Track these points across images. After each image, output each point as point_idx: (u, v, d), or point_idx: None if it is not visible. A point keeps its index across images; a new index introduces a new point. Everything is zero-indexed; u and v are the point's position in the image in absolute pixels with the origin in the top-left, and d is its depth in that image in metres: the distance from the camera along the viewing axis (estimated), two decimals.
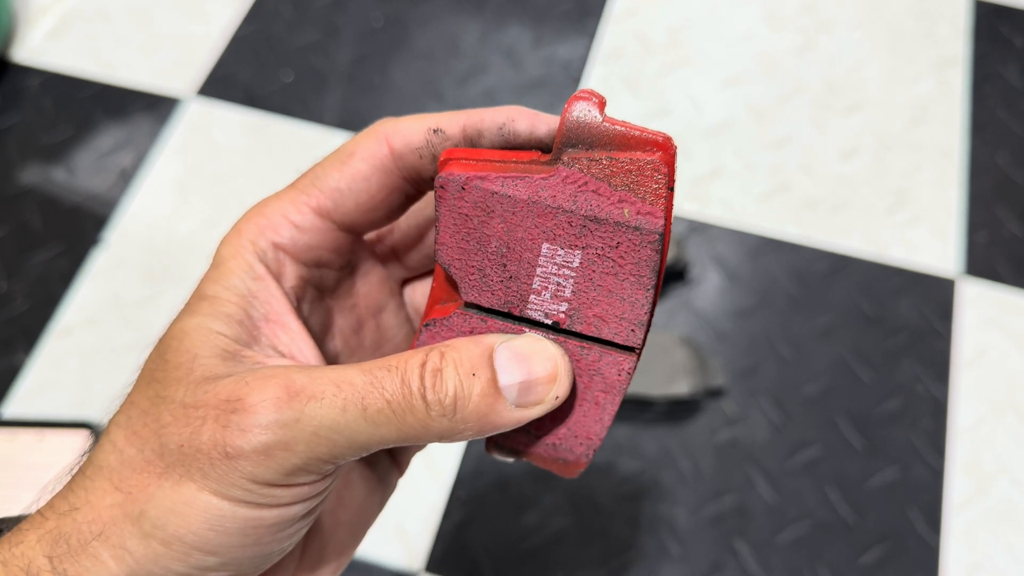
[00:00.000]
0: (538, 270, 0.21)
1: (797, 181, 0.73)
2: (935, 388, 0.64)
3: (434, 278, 0.23)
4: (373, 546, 0.58)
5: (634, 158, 0.20)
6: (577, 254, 0.21)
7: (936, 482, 0.60)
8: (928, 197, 0.72)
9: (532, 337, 0.21)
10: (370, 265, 0.26)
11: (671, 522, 0.59)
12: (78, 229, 0.71)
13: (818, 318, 0.67)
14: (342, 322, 0.25)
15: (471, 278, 0.22)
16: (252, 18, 0.82)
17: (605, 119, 0.20)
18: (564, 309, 0.21)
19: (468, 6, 0.83)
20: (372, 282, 0.26)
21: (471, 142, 0.22)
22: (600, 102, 0.20)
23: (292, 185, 0.23)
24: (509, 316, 0.22)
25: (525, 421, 0.20)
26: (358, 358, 0.26)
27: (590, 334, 0.21)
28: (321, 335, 0.24)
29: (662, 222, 0.20)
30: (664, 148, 0.20)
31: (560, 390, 0.21)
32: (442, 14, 0.82)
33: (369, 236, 0.26)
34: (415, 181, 0.23)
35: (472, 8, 0.82)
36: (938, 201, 0.72)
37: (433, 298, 0.23)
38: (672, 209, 0.20)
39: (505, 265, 0.21)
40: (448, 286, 0.23)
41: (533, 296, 0.21)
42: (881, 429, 0.62)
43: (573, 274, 0.21)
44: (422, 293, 0.27)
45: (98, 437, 0.21)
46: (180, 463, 0.18)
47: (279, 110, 0.77)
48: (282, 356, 0.22)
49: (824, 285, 0.68)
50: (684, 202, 0.72)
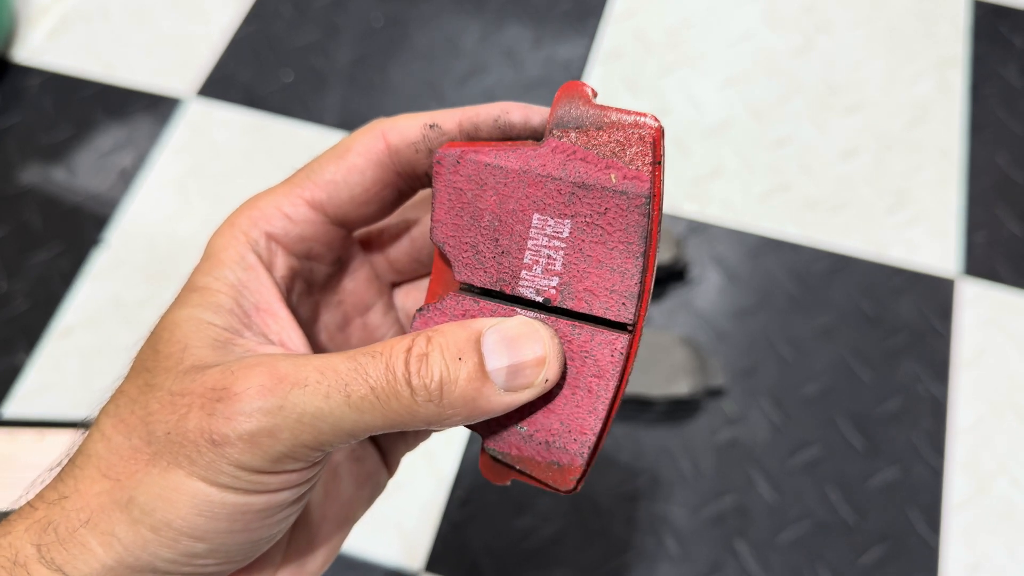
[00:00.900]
0: (529, 243, 0.21)
1: (797, 181, 0.73)
2: (935, 388, 0.64)
3: (433, 267, 0.23)
4: (373, 545, 0.58)
5: (621, 127, 0.20)
6: (567, 223, 0.21)
7: (936, 482, 0.60)
8: (928, 197, 0.72)
9: (521, 319, 0.20)
10: (359, 264, 0.26)
11: (671, 522, 0.59)
12: (78, 229, 0.71)
13: (818, 318, 0.67)
14: (328, 318, 0.26)
15: (464, 256, 0.22)
16: (252, 18, 0.82)
17: (593, 103, 0.21)
18: (555, 284, 0.21)
19: (468, 6, 0.83)
20: (360, 280, 0.26)
21: (468, 136, 0.23)
22: (591, 90, 0.21)
23: (287, 180, 0.23)
24: (501, 296, 0.22)
25: (514, 406, 0.20)
26: None
27: (581, 310, 0.21)
28: (307, 329, 0.24)
29: (648, 185, 0.20)
30: (649, 121, 0.21)
31: (550, 372, 0.20)
32: (442, 14, 0.82)
33: (359, 234, 0.26)
34: (409, 177, 0.23)
35: (472, 8, 0.82)
36: (938, 201, 0.72)
37: (431, 289, 0.23)
38: (661, 184, 0.21)
39: (497, 240, 0.21)
40: (446, 273, 0.23)
41: (524, 272, 0.21)
42: (881, 429, 0.62)
43: (563, 245, 0.21)
44: (413, 299, 0.27)
45: (88, 430, 0.21)
46: (167, 450, 0.18)
47: (279, 110, 0.77)
48: (272, 344, 0.22)
49: (824, 285, 0.68)
50: (684, 202, 0.72)
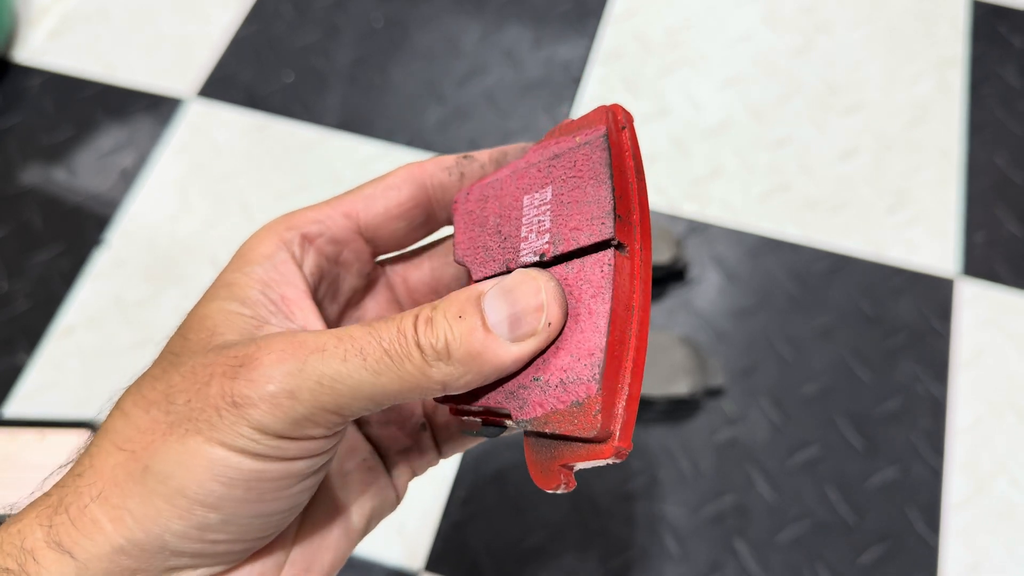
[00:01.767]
0: (523, 220, 0.23)
1: (796, 181, 0.73)
2: (934, 388, 0.64)
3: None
4: (373, 545, 0.58)
5: (588, 117, 0.23)
6: (548, 189, 0.23)
7: (935, 482, 0.61)
8: (927, 197, 0.72)
9: (518, 271, 0.21)
10: (382, 287, 0.27)
11: (671, 522, 0.59)
12: (79, 229, 0.71)
13: (817, 318, 0.67)
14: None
15: (478, 258, 0.24)
16: (253, 19, 0.82)
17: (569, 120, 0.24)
18: (547, 240, 0.22)
19: (468, 6, 0.83)
20: (381, 302, 0.27)
21: (497, 164, 0.25)
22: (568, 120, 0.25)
23: (327, 200, 0.25)
24: (507, 274, 0.23)
25: (525, 356, 0.20)
26: None
27: (571, 248, 0.22)
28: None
29: (604, 129, 0.22)
30: (612, 106, 0.23)
31: (551, 315, 0.20)
32: (442, 14, 0.82)
33: (384, 259, 0.27)
34: (439, 202, 0.25)
35: (472, 8, 0.83)
36: (937, 201, 0.72)
37: None
38: (633, 144, 0.22)
39: (500, 231, 0.23)
40: (468, 283, 0.25)
41: (523, 244, 0.23)
42: (880, 429, 0.62)
43: (548, 206, 0.23)
44: None
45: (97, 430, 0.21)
46: (186, 418, 0.19)
47: (280, 111, 0.77)
48: (295, 329, 0.23)
49: (823, 285, 0.68)
50: (684, 202, 0.72)
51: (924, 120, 0.76)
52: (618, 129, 0.22)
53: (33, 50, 0.80)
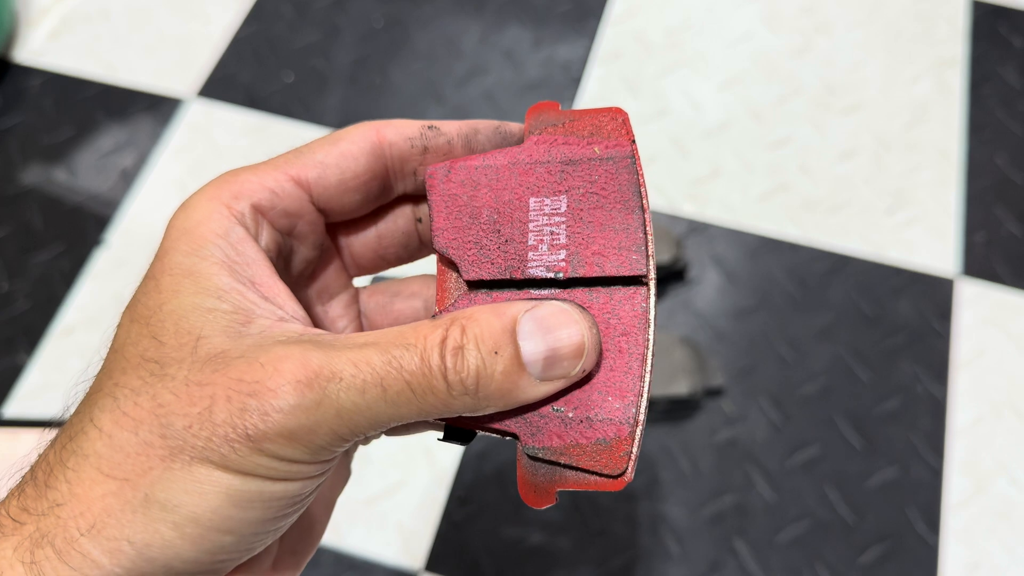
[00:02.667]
0: (530, 225, 0.22)
1: (796, 181, 0.73)
2: (934, 388, 0.64)
3: (437, 275, 0.23)
4: (373, 545, 0.58)
5: (593, 117, 0.22)
6: (563, 198, 0.22)
7: (935, 481, 0.61)
8: (927, 197, 0.72)
9: (556, 305, 0.20)
10: (329, 253, 0.26)
11: (670, 521, 0.59)
12: (79, 229, 0.71)
13: (817, 318, 0.67)
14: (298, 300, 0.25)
15: (469, 254, 0.22)
16: (253, 19, 0.82)
17: (561, 110, 0.23)
18: (563, 256, 0.21)
19: (468, 7, 0.83)
20: (329, 269, 0.26)
21: (467, 139, 0.23)
22: (555, 104, 0.23)
23: (267, 161, 0.23)
24: (512, 283, 0.22)
25: (549, 395, 0.20)
26: None
27: (594, 274, 0.21)
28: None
29: (630, 148, 0.21)
30: (619, 110, 0.22)
31: (588, 363, 0.20)
32: (442, 15, 0.82)
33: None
34: (398, 173, 0.23)
35: (472, 9, 0.83)
36: (937, 201, 0.72)
37: (439, 298, 0.23)
38: (639, 155, 0.22)
39: (499, 231, 0.22)
40: (450, 279, 0.23)
41: (531, 253, 0.21)
42: (880, 429, 0.62)
43: (563, 219, 0.21)
44: (376, 301, 0.27)
45: (60, 428, 0.20)
46: (189, 444, 0.18)
47: (280, 111, 0.77)
48: (287, 319, 0.21)
49: (823, 285, 0.68)
50: (684, 203, 0.72)
51: (924, 120, 0.76)
52: (630, 139, 0.21)
53: (33, 50, 0.80)
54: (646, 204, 0.21)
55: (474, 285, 0.22)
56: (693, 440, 0.62)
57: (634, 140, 0.22)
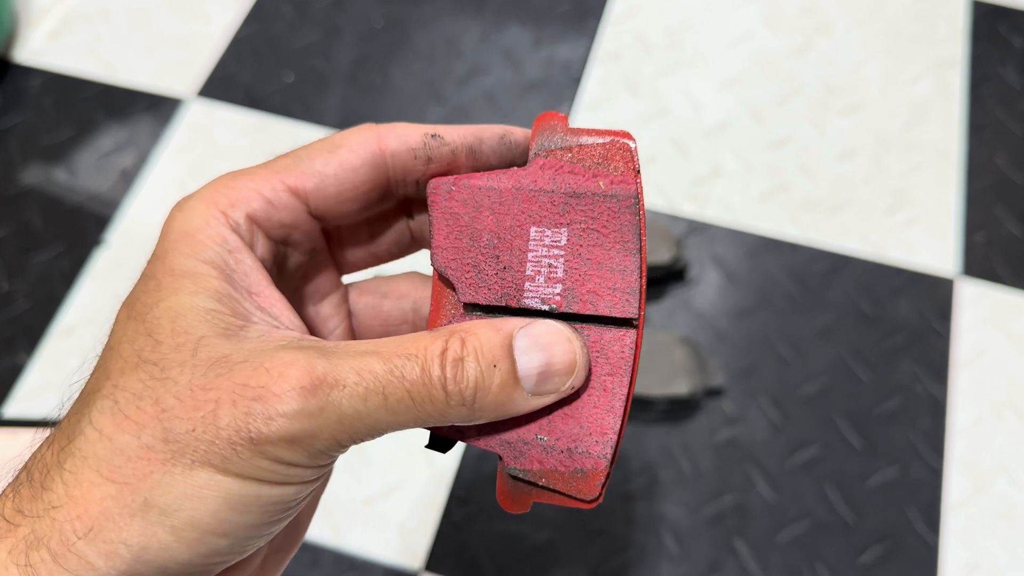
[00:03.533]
0: (529, 255, 0.22)
1: (796, 181, 0.73)
2: (934, 388, 0.64)
3: (432, 291, 0.23)
4: (373, 545, 0.58)
5: (601, 144, 0.22)
6: (563, 231, 0.22)
7: (935, 481, 0.61)
8: (927, 197, 0.72)
9: (551, 324, 0.21)
10: (321, 253, 0.26)
11: (670, 521, 0.59)
12: (79, 229, 0.71)
13: (817, 318, 0.67)
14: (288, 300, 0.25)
15: (467, 276, 0.22)
16: (253, 19, 0.82)
17: (570, 127, 0.23)
18: (559, 291, 0.22)
19: (468, 7, 0.83)
20: (321, 269, 0.26)
21: (471, 150, 0.23)
22: (564, 117, 0.23)
23: (266, 164, 0.23)
24: (507, 310, 0.22)
25: (538, 408, 0.21)
26: None
27: (587, 312, 0.22)
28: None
29: (634, 188, 0.22)
30: (625, 138, 0.22)
31: (577, 380, 0.21)
32: (442, 15, 0.82)
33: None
34: (399, 183, 0.23)
35: (472, 9, 0.83)
36: (937, 201, 0.72)
37: (432, 317, 0.23)
38: (643, 191, 0.22)
39: (498, 257, 0.22)
40: (447, 296, 0.23)
41: (528, 283, 0.22)
42: (880, 429, 0.62)
43: (562, 253, 0.22)
44: (365, 301, 0.27)
45: (54, 428, 0.20)
46: (191, 448, 0.18)
47: (280, 111, 0.77)
48: (283, 327, 0.21)
49: (823, 285, 0.68)
50: (683, 203, 0.72)
51: (923, 120, 0.76)
52: (636, 172, 0.22)
53: (33, 50, 0.80)
54: (644, 246, 0.22)
55: (470, 307, 0.23)
56: (693, 440, 0.62)
57: (639, 172, 0.22)
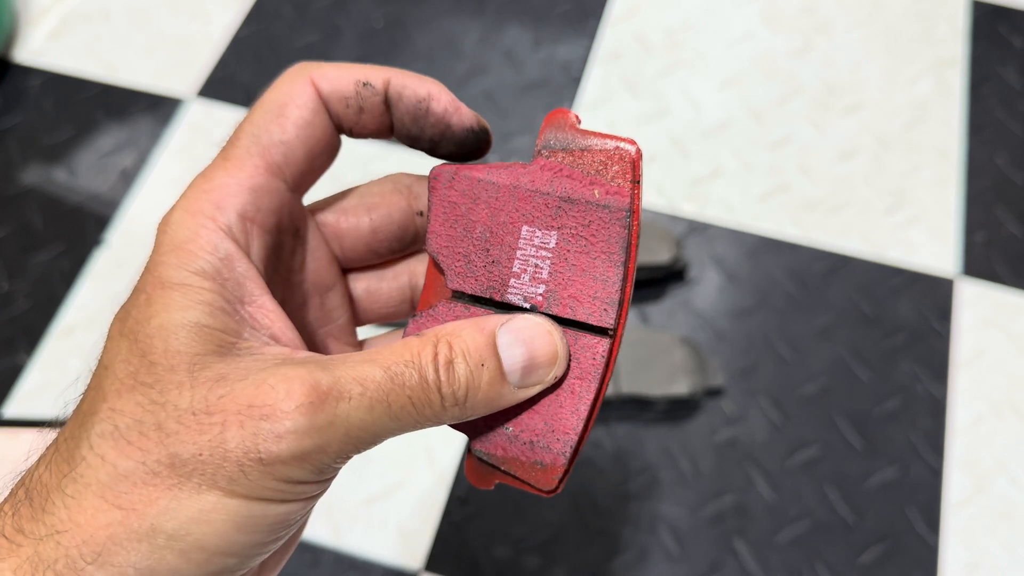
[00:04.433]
0: (518, 253, 0.23)
1: (796, 181, 0.73)
2: (934, 388, 0.64)
3: (427, 273, 0.24)
4: (373, 545, 0.58)
5: (604, 150, 0.22)
6: (553, 235, 0.22)
7: (935, 481, 0.61)
8: (927, 197, 0.72)
9: (533, 321, 0.22)
10: (319, 244, 0.26)
11: (670, 521, 0.59)
12: (79, 229, 0.71)
13: (817, 318, 0.67)
14: (290, 296, 0.25)
15: (457, 265, 0.23)
16: (253, 19, 0.82)
17: (578, 128, 0.23)
18: (541, 291, 0.22)
19: (468, 7, 0.83)
20: (322, 260, 0.26)
21: (399, 96, 0.23)
22: (576, 116, 0.23)
23: (227, 153, 0.22)
24: (491, 303, 0.23)
25: (525, 399, 0.22)
26: (303, 336, 0.25)
27: (566, 316, 0.22)
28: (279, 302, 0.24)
29: (628, 200, 0.22)
30: (629, 144, 0.22)
31: (559, 370, 0.22)
32: (442, 15, 0.82)
33: (317, 214, 0.26)
34: (337, 128, 0.23)
35: (472, 9, 0.83)
36: (937, 201, 0.72)
37: (424, 297, 0.24)
38: (640, 200, 0.22)
39: (488, 250, 0.23)
40: (439, 281, 0.24)
41: (513, 280, 0.23)
42: (880, 428, 0.62)
43: (550, 255, 0.22)
44: (363, 286, 0.27)
45: (52, 445, 0.20)
46: (198, 472, 0.18)
47: None
48: (275, 342, 0.21)
49: (823, 285, 0.68)
50: (683, 203, 0.72)
51: (923, 120, 0.76)
52: (634, 183, 0.22)
53: (33, 50, 0.80)
54: (631, 261, 0.22)
55: (456, 295, 0.23)
56: (693, 440, 0.62)
57: (638, 181, 0.22)
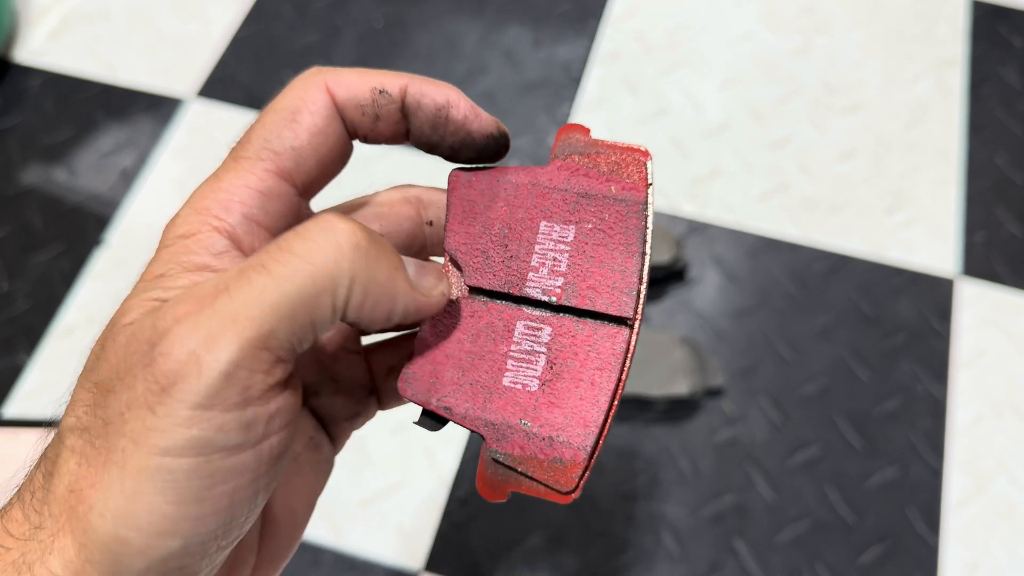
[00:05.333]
0: (536, 247, 0.23)
1: (796, 181, 0.73)
2: (934, 388, 0.64)
3: (443, 269, 0.24)
4: (373, 545, 0.58)
5: (617, 154, 0.23)
6: (571, 228, 0.23)
7: (935, 481, 0.61)
8: (927, 197, 0.72)
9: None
10: None
11: (670, 521, 0.59)
12: (79, 229, 0.71)
13: (817, 318, 0.67)
14: None
15: (475, 261, 0.23)
16: (252, 19, 0.82)
17: (591, 138, 0.24)
18: (560, 284, 0.23)
19: (468, 7, 0.83)
20: None
21: (418, 104, 0.23)
22: (587, 129, 0.24)
23: (238, 155, 0.22)
24: (509, 297, 0.23)
25: (420, 307, 0.21)
26: None
27: (584, 307, 0.22)
28: None
29: (644, 194, 0.23)
30: (642, 155, 0.23)
31: (446, 288, 0.22)
32: (442, 15, 0.82)
33: (322, 213, 0.25)
34: (351, 134, 0.23)
35: (472, 9, 0.83)
36: (936, 201, 0.72)
37: None
38: (653, 202, 0.23)
39: (506, 245, 0.23)
40: (454, 275, 0.24)
41: (531, 273, 0.23)
42: (880, 429, 0.62)
43: (568, 248, 0.23)
44: None
45: (42, 451, 0.20)
46: (121, 433, 0.17)
47: None
48: None
49: (823, 285, 0.68)
50: (684, 202, 0.72)
51: (923, 120, 0.76)
52: (648, 183, 0.23)
53: (33, 50, 0.80)
54: (647, 251, 0.22)
55: (474, 291, 0.23)
56: (693, 440, 0.62)
57: (651, 184, 0.23)
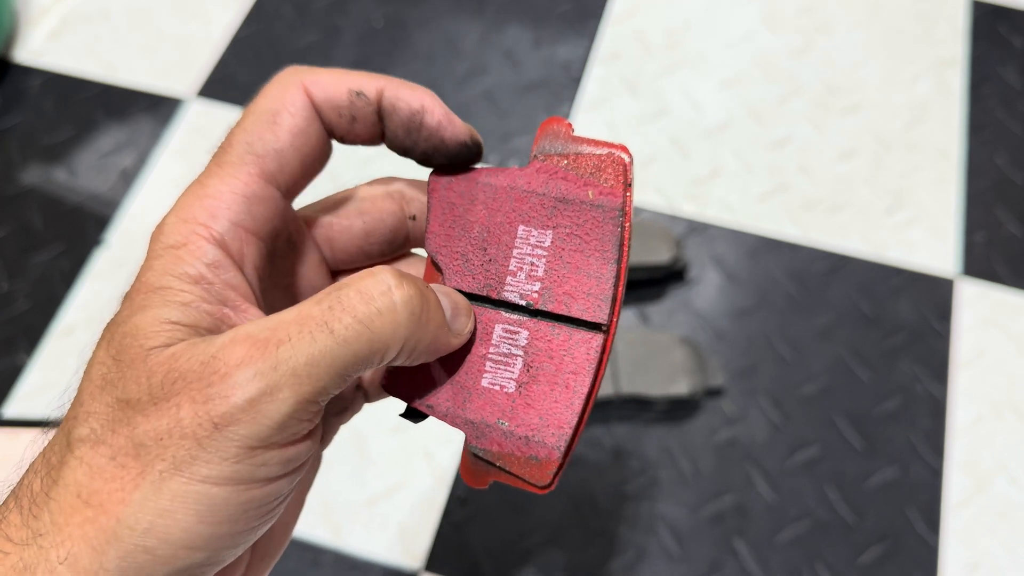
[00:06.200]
0: (514, 252, 0.23)
1: (796, 181, 0.73)
2: (934, 388, 0.64)
3: (425, 273, 0.25)
4: (373, 545, 0.58)
5: (596, 155, 0.23)
6: (549, 234, 0.23)
7: (935, 481, 0.61)
8: (927, 197, 0.72)
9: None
10: (309, 247, 0.25)
11: (670, 521, 0.59)
12: (79, 229, 0.71)
13: (817, 318, 0.67)
14: (282, 303, 0.25)
15: (455, 264, 0.24)
16: (253, 19, 0.82)
17: (572, 136, 0.24)
18: (537, 289, 0.23)
19: (468, 7, 0.83)
20: (311, 264, 0.26)
21: (394, 109, 0.23)
22: (569, 124, 0.24)
23: (221, 160, 0.22)
24: (488, 300, 0.24)
25: (455, 347, 0.22)
26: None
27: (560, 312, 0.23)
28: (267, 313, 0.24)
29: (620, 201, 0.23)
30: (622, 151, 0.23)
31: (471, 324, 0.23)
32: (442, 15, 0.82)
33: (307, 217, 0.26)
34: (329, 134, 0.23)
35: (472, 9, 0.83)
36: (936, 201, 0.72)
37: None
38: (631, 203, 0.23)
39: (485, 249, 0.24)
40: (436, 280, 0.24)
41: (509, 278, 0.23)
42: (880, 429, 0.62)
43: (545, 253, 0.23)
44: None
45: (40, 454, 0.20)
46: (160, 458, 0.17)
47: None
48: None
49: (823, 285, 0.68)
50: (683, 202, 0.72)
51: (923, 120, 0.76)
52: (626, 185, 0.23)
53: (33, 50, 0.80)
54: (624, 256, 0.23)
55: None
56: (693, 440, 0.62)
57: (630, 185, 0.23)
